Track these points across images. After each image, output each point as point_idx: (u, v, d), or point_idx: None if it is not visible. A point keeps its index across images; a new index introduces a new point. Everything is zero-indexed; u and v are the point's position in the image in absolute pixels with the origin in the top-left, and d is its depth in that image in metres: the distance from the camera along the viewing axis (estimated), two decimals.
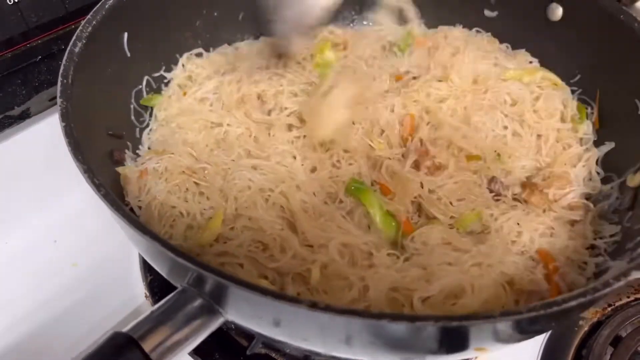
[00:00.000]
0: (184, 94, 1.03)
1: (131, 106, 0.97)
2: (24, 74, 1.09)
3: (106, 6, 0.87)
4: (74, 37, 0.81)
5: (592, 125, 0.99)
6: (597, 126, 0.99)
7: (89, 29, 0.83)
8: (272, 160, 0.92)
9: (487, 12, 1.15)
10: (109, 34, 0.89)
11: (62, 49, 0.78)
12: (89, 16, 0.85)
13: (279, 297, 0.54)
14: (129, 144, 0.94)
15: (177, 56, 1.06)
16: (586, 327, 0.92)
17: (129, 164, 0.90)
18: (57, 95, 0.74)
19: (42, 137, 1.15)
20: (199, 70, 1.07)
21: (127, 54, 0.93)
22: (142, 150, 0.97)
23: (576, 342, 0.91)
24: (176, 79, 1.05)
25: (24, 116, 1.13)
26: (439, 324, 0.53)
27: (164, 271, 0.69)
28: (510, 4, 1.12)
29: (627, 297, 0.95)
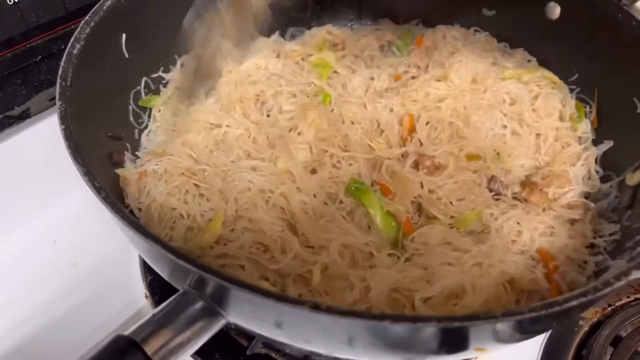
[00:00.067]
0: None
1: (130, 107, 0.97)
2: (24, 74, 1.08)
3: (104, 7, 0.87)
4: (72, 38, 0.81)
5: (590, 124, 0.99)
6: (596, 125, 0.99)
7: (87, 30, 0.83)
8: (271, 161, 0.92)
9: (485, 11, 1.15)
10: (107, 35, 0.89)
11: (62, 49, 0.78)
12: (87, 17, 0.85)
13: (281, 299, 0.54)
14: (128, 145, 0.94)
15: (175, 57, 1.06)
16: (586, 327, 0.93)
17: (128, 166, 0.90)
18: (56, 97, 0.74)
19: (42, 137, 1.15)
20: None
21: (126, 55, 0.93)
22: (141, 151, 0.97)
23: (576, 342, 0.91)
24: (174, 80, 1.05)
25: (24, 116, 1.13)
26: (441, 325, 0.53)
27: (165, 273, 0.69)
28: (508, 2, 1.11)
29: (627, 297, 0.95)
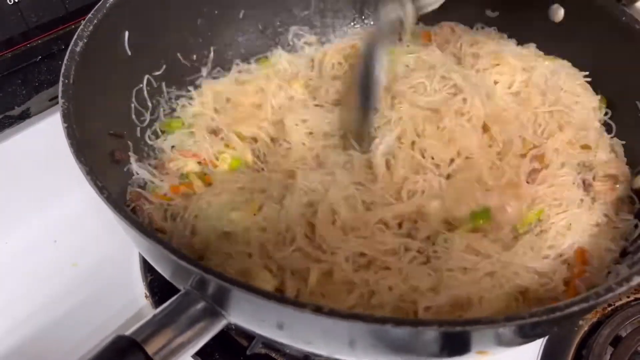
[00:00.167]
0: None
1: (132, 105, 0.96)
2: (24, 74, 1.08)
3: (107, 5, 0.86)
4: (75, 36, 0.81)
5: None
6: None
7: (90, 28, 0.83)
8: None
9: (489, 12, 1.15)
10: (110, 32, 0.88)
11: (62, 49, 0.78)
12: (90, 15, 0.84)
13: (282, 301, 0.54)
14: (129, 143, 0.93)
15: (178, 55, 1.05)
16: (586, 327, 0.92)
17: (132, 163, 0.90)
18: (59, 95, 0.74)
19: (42, 137, 1.15)
20: None
21: (128, 53, 0.93)
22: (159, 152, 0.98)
23: (576, 342, 0.91)
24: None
25: (24, 116, 1.13)
26: (442, 329, 0.53)
27: (166, 274, 0.68)
28: (512, 4, 1.11)
29: (627, 297, 0.95)
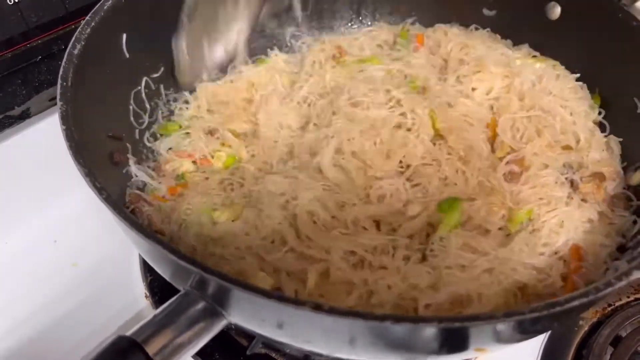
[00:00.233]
0: None
1: (130, 107, 0.96)
2: (24, 74, 1.08)
3: (105, 7, 0.86)
4: (72, 38, 0.81)
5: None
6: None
7: (88, 30, 0.83)
8: None
9: (486, 11, 1.15)
10: (107, 35, 0.88)
11: (62, 49, 0.78)
12: (87, 17, 0.84)
13: (282, 299, 0.54)
14: (128, 145, 0.93)
15: None
16: (586, 327, 0.92)
17: (130, 165, 0.91)
18: (57, 97, 0.74)
19: (42, 137, 1.15)
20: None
21: (126, 55, 0.93)
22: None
23: (576, 342, 0.91)
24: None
25: (24, 116, 1.13)
26: (442, 326, 0.53)
27: (166, 274, 0.69)
28: (508, 2, 1.12)
29: (627, 297, 0.95)
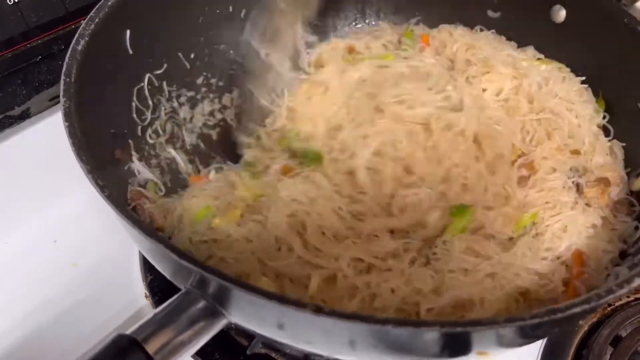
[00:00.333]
0: None
1: (133, 104, 0.96)
2: (24, 74, 1.08)
3: (109, 3, 0.86)
4: (76, 34, 0.80)
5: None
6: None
7: (92, 26, 0.82)
8: None
9: (490, 13, 1.15)
10: (111, 31, 0.88)
11: (63, 49, 0.78)
12: (91, 13, 0.84)
13: (283, 301, 0.54)
14: (130, 142, 0.93)
15: (179, 54, 1.04)
16: (586, 327, 0.92)
17: (134, 162, 0.91)
18: (60, 94, 0.74)
19: (42, 137, 1.15)
20: None
21: (130, 52, 0.92)
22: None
23: (576, 342, 0.91)
24: None
25: (24, 116, 1.13)
26: (444, 330, 0.53)
27: (167, 272, 0.68)
28: (513, 4, 1.11)
29: (627, 297, 0.95)
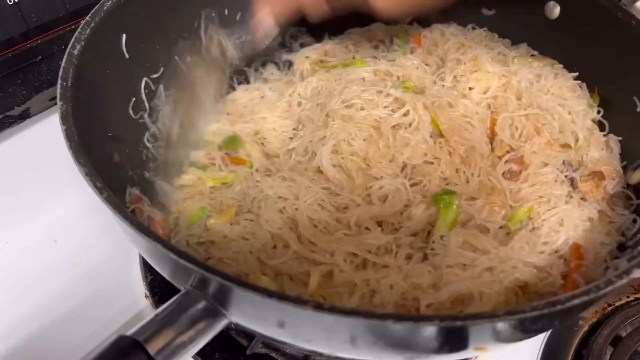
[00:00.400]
0: None
1: (130, 108, 0.96)
2: (24, 74, 1.09)
3: (104, 8, 0.86)
4: (72, 39, 0.81)
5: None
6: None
7: (88, 30, 0.82)
8: None
9: (485, 10, 1.15)
10: (107, 35, 0.88)
11: (63, 49, 0.78)
12: (87, 18, 0.84)
13: (284, 298, 0.54)
14: (127, 144, 0.93)
15: (176, 58, 1.04)
16: (586, 327, 0.93)
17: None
18: (57, 98, 0.74)
19: (42, 137, 1.15)
20: None
21: (126, 56, 0.92)
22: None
23: (576, 342, 0.91)
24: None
25: (24, 116, 1.13)
26: (443, 324, 0.53)
27: (167, 273, 0.68)
28: (508, 1, 1.11)
29: (627, 297, 0.95)
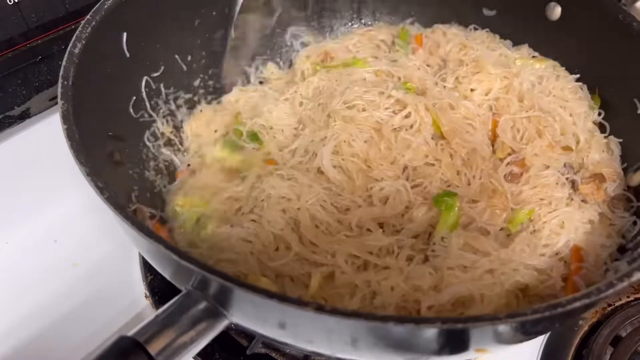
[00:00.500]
0: None
1: (130, 106, 0.96)
2: (24, 74, 1.09)
3: (105, 6, 0.86)
4: (73, 38, 0.80)
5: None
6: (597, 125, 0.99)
7: (89, 29, 0.82)
8: None
9: (486, 11, 1.15)
10: (108, 34, 0.88)
11: (62, 49, 0.78)
12: (88, 16, 0.84)
13: (285, 300, 0.54)
14: (128, 143, 0.93)
15: (176, 57, 1.05)
16: (586, 327, 0.92)
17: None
18: (58, 97, 0.74)
19: (42, 137, 1.15)
20: None
21: (127, 55, 0.92)
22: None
23: (576, 342, 0.91)
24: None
25: (24, 116, 1.13)
26: (445, 327, 0.53)
27: (167, 274, 0.68)
28: (509, 2, 1.12)
29: (627, 297, 0.95)
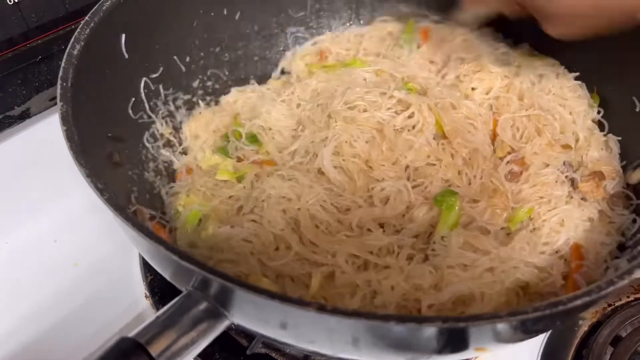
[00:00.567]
0: None
1: (130, 108, 0.96)
2: (24, 74, 1.09)
3: (104, 8, 0.86)
4: (72, 39, 0.80)
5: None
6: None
7: (87, 31, 0.82)
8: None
9: None
10: (107, 35, 0.88)
11: (62, 49, 0.78)
12: (86, 18, 0.84)
13: (286, 300, 0.54)
14: (127, 145, 0.93)
15: (175, 57, 1.05)
16: (586, 327, 0.93)
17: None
18: (57, 98, 0.74)
19: (42, 137, 1.16)
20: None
21: (125, 56, 0.92)
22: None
23: (576, 342, 0.91)
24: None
25: (24, 116, 1.13)
26: (446, 326, 0.53)
27: (168, 274, 0.68)
28: None
29: (627, 297, 0.95)
